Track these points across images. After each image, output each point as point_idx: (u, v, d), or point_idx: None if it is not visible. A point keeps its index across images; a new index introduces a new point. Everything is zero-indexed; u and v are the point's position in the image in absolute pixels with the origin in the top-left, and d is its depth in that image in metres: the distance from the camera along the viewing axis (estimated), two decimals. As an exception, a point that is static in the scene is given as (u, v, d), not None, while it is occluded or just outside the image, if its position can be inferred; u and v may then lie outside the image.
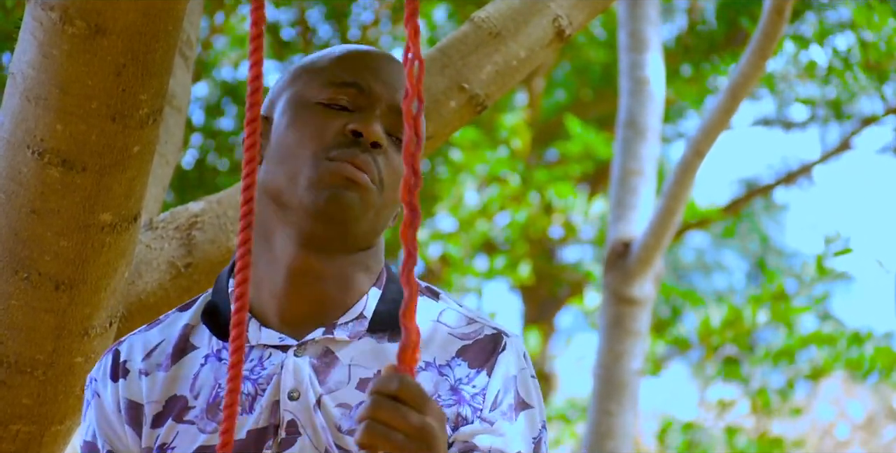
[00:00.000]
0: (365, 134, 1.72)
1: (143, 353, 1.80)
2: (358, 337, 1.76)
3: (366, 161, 1.72)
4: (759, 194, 10.98)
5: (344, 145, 1.73)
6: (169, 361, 1.79)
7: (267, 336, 1.76)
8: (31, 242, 2.01)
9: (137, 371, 1.79)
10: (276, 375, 1.74)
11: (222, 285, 1.82)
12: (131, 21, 1.83)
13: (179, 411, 1.76)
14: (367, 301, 1.78)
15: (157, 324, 1.84)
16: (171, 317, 1.84)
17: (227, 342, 1.76)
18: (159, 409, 1.77)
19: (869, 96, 7.23)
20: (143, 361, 1.79)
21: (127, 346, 1.81)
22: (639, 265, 4.91)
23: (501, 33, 2.50)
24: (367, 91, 1.76)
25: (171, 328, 1.82)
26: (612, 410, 4.95)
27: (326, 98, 1.75)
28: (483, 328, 1.80)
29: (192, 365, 1.78)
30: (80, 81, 1.86)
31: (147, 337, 1.82)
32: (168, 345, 1.80)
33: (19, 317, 2.07)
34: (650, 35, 5.18)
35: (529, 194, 8.62)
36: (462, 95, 2.46)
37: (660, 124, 5.18)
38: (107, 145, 1.92)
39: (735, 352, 7.96)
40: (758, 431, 8.22)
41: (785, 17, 4.09)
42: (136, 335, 1.83)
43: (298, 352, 1.75)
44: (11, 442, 2.18)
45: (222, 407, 1.72)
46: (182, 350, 1.79)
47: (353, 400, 1.73)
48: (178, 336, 1.81)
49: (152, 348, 1.80)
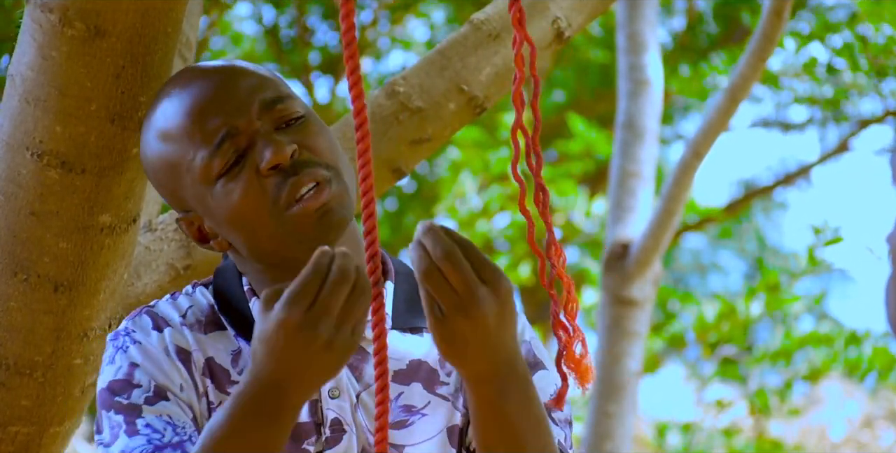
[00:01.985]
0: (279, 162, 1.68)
1: (177, 313, 1.78)
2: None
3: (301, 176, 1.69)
4: (757, 196, 10.98)
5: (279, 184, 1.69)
6: (203, 327, 1.77)
7: None
8: (31, 244, 2.00)
9: (178, 323, 1.77)
10: None
11: (231, 282, 1.80)
12: (131, 23, 1.83)
13: (223, 381, 1.74)
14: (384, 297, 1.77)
15: (178, 294, 1.82)
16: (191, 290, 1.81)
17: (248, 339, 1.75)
18: (203, 362, 1.75)
19: (868, 97, 7.23)
20: (181, 318, 1.78)
21: (160, 308, 1.79)
22: (637, 266, 4.92)
23: (501, 35, 2.49)
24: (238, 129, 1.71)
25: (197, 299, 1.80)
26: (611, 411, 4.95)
27: (221, 168, 1.70)
28: None
29: (229, 341, 1.76)
30: (80, 83, 1.86)
31: (175, 302, 1.80)
32: (201, 312, 1.78)
33: (18, 319, 2.07)
34: (648, 37, 5.18)
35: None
36: (461, 97, 2.46)
37: (658, 126, 5.18)
38: (106, 147, 1.92)
39: (732, 353, 7.96)
40: (755, 432, 8.22)
41: (784, 18, 4.09)
42: (162, 301, 1.81)
43: None
44: (10, 443, 2.18)
45: None
46: (214, 322, 1.78)
47: (391, 393, 1.73)
48: (207, 308, 1.79)
49: (185, 311, 1.78)
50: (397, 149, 2.45)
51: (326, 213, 1.69)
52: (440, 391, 1.77)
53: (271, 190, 1.69)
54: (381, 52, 10.05)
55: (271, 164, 1.68)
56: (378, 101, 2.45)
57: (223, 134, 1.70)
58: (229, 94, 1.71)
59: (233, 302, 1.78)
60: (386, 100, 2.47)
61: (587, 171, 9.17)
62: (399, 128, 2.46)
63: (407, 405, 1.76)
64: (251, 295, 1.78)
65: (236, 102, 1.71)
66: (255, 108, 1.71)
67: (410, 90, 2.47)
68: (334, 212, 1.70)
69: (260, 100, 1.71)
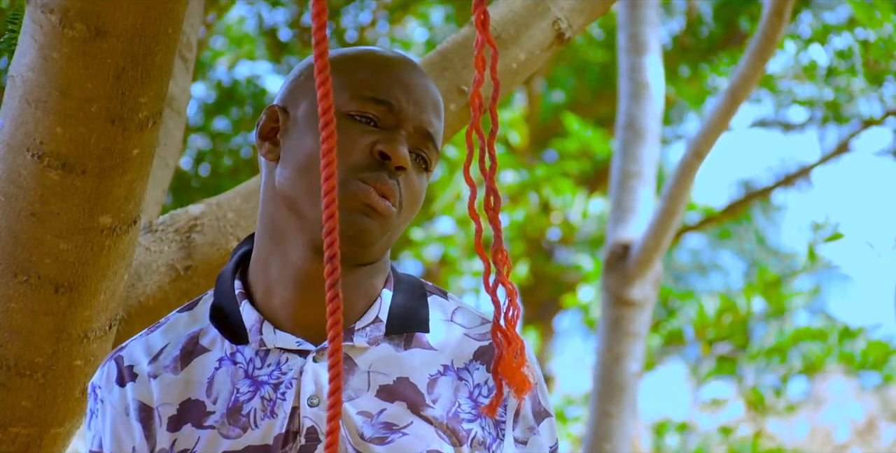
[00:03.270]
0: (393, 157, 1.71)
1: (148, 357, 1.78)
2: (376, 342, 1.76)
3: (391, 187, 1.71)
4: (757, 196, 10.98)
5: (371, 167, 1.71)
6: (177, 364, 1.77)
7: (283, 339, 1.75)
8: (31, 245, 2.00)
9: (146, 374, 1.77)
10: (296, 380, 1.73)
11: (226, 286, 1.80)
12: (131, 24, 1.82)
13: (198, 416, 1.74)
14: (381, 303, 1.78)
15: (157, 328, 1.82)
16: (171, 320, 1.83)
17: (240, 345, 1.76)
18: (173, 412, 1.75)
19: (868, 98, 7.22)
20: (150, 364, 1.78)
21: (129, 352, 1.80)
22: (638, 267, 4.92)
23: (501, 36, 2.49)
24: (397, 110, 1.74)
25: (175, 330, 1.81)
26: (612, 411, 4.95)
27: (356, 110, 1.73)
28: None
29: (206, 369, 1.77)
30: (80, 84, 1.86)
31: (149, 340, 1.81)
32: (174, 348, 1.79)
33: (19, 320, 2.07)
34: (649, 37, 5.18)
35: (527, 194, 8.62)
36: (462, 98, 2.46)
37: (659, 126, 5.17)
38: (106, 148, 1.92)
39: (729, 350, 7.96)
40: (753, 430, 8.22)
41: (784, 18, 4.09)
42: (136, 340, 1.82)
43: (317, 358, 1.74)
44: (11, 444, 2.18)
45: (244, 413, 1.73)
46: (190, 352, 1.78)
47: (373, 407, 1.73)
48: (185, 338, 1.79)
49: (157, 351, 1.79)
50: (398, 149, 2.45)
51: (369, 215, 1.70)
52: (425, 413, 1.74)
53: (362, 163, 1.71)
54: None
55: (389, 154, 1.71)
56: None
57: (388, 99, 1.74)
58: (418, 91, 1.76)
59: (225, 308, 1.78)
60: (386, 100, 2.46)
61: (585, 171, 9.17)
62: (400, 129, 2.46)
63: (388, 422, 1.73)
64: (241, 298, 1.78)
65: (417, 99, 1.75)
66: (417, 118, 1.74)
67: (411, 91, 2.46)
68: (372, 225, 1.71)
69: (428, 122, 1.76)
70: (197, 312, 1.82)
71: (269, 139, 1.80)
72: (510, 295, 1.63)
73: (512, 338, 1.62)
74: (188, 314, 1.83)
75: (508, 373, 1.64)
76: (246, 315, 1.77)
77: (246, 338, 1.76)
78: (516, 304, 1.62)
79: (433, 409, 1.74)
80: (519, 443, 1.76)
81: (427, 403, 1.74)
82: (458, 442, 1.73)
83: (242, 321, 1.76)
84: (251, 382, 1.74)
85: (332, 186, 1.27)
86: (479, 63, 1.40)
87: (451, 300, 1.83)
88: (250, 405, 1.73)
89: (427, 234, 8.72)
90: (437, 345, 1.77)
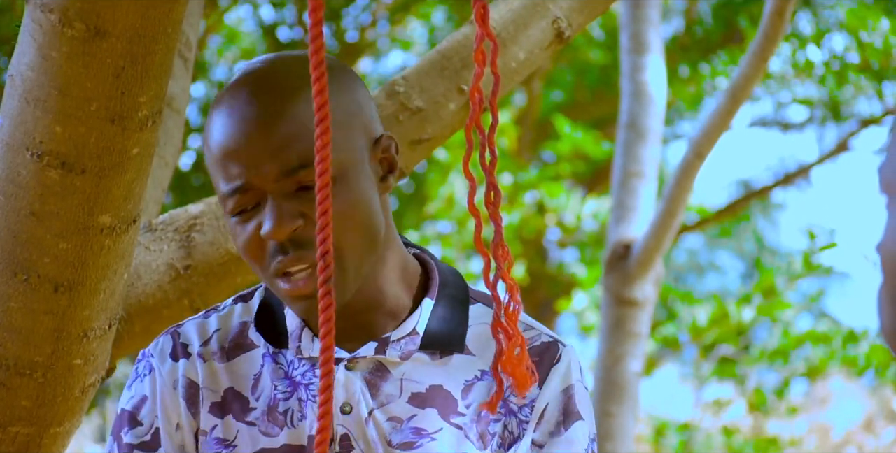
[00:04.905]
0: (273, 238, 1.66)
1: (200, 339, 1.80)
2: (409, 357, 1.75)
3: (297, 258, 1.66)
4: (756, 196, 10.98)
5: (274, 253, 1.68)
6: (227, 353, 1.79)
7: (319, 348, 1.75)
8: (31, 244, 2.00)
9: (196, 354, 1.79)
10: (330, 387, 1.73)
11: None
12: (131, 23, 1.82)
13: (241, 410, 1.76)
14: (420, 315, 1.76)
15: (213, 312, 1.83)
16: (227, 308, 1.84)
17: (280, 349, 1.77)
18: (217, 399, 1.77)
19: (867, 97, 7.23)
20: (202, 346, 1.80)
21: (185, 330, 1.81)
22: (639, 267, 4.91)
23: (501, 35, 2.49)
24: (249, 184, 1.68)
25: (229, 319, 1.82)
26: (612, 411, 4.95)
27: (232, 210, 1.70)
28: (540, 335, 1.80)
29: (252, 364, 1.78)
30: (80, 84, 1.86)
31: (205, 323, 1.82)
32: (226, 337, 1.80)
33: (18, 319, 2.07)
34: (651, 37, 5.17)
35: (523, 195, 8.62)
36: (461, 97, 2.46)
37: (661, 126, 5.17)
38: (106, 147, 1.91)
39: (730, 352, 7.96)
40: (754, 431, 8.22)
41: (785, 18, 4.09)
42: (193, 320, 1.83)
43: (350, 366, 1.74)
44: (11, 443, 2.17)
45: (281, 411, 1.74)
46: (240, 345, 1.79)
47: (403, 413, 1.73)
48: (236, 329, 1.81)
49: (210, 335, 1.80)
50: (397, 149, 2.45)
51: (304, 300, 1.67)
52: (454, 420, 1.74)
53: (266, 254, 1.69)
54: (381, 53, 10.05)
55: (266, 238, 1.67)
56: (378, 101, 2.45)
57: (238, 185, 1.68)
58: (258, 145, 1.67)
59: (273, 308, 1.80)
60: (386, 100, 2.46)
61: (580, 172, 9.17)
62: (399, 129, 2.46)
63: (417, 427, 1.74)
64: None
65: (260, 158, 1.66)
66: (275, 171, 1.66)
67: (410, 90, 2.46)
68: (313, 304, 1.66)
69: (284, 162, 1.66)
70: (251, 305, 1.83)
71: None
72: (511, 290, 1.62)
73: (513, 334, 1.62)
74: (242, 305, 1.83)
75: (511, 370, 1.63)
76: (290, 319, 1.78)
77: (286, 343, 1.77)
78: (517, 299, 1.62)
79: (464, 416, 1.75)
80: (535, 446, 1.75)
81: (459, 410, 1.75)
82: (484, 445, 1.73)
83: (286, 324, 1.78)
84: (289, 382, 1.76)
85: (327, 190, 1.25)
86: (478, 57, 1.40)
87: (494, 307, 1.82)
88: (287, 404, 1.75)
89: (422, 235, 8.72)
90: (476, 351, 1.77)
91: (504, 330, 1.63)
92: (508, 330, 1.62)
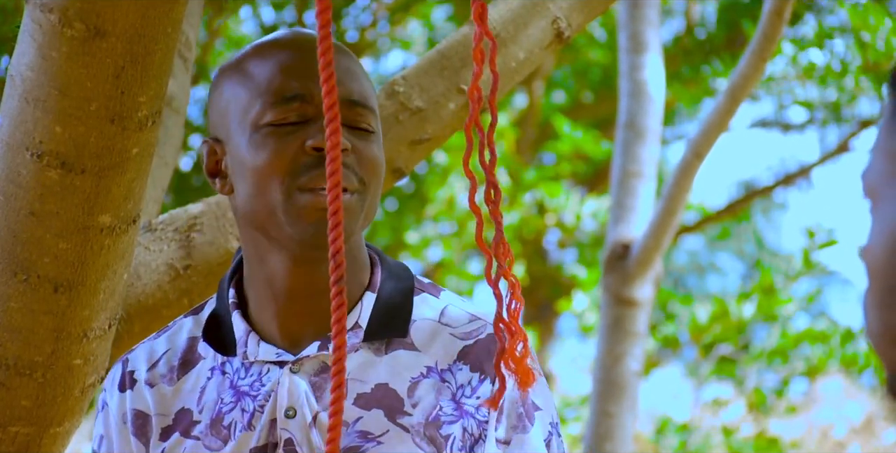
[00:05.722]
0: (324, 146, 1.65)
1: (147, 364, 1.80)
2: (354, 349, 1.74)
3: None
4: (757, 196, 10.97)
5: (310, 166, 1.68)
6: (176, 373, 1.79)
7: (264, 351, 1.74)
8: (30, 244, 2.00)
9: (143, 381, 1.79)
10: (274, 392, 1.73)
11: (223, 293, 1.81)
12: (130, 23, 1.82)
13: (187, 425, 1.75)
14: (361, 309, 1.76)
15: (165, 332, 1.84)
16: (177, 324, 1.84)
17: (228, 357, 1.76)
18: (168, 422, 1.77)
19: (868, 98, 7.22)
20: (148, 372, 1.79)
21: (134, 356, 1.82)
22: (638, 267, 4.91)
23: (500, 35, 2.49)
24: (310, 98, 1.70)
25: (178, 336, 1.81)
26: (612, 411, 4.95)
27: (274, 119, 1.70)
28: (485, 326, 1.77)
29: (200, 378, 1.77)
30: (79, 83, 1.86)
31: (153, 346, 1.82)
32: (174, 356, 1.79)
33: (18, 319, 2.07)
34: (650, 37, 5.18)
35: (522, 195, 8.62)
36: (461, 97, 2.46)
37: (660, 126, 5.17)
38: (106, 147, 1.92)
39: (729, 352, 7.96)
40: (754, 431, 8.22)
41: (784, 18, 4.08)
42: (144, 344, 1.83)
43: (294, 369, 1.73)
44: (10, 443, 2.17)
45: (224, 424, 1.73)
46: (189, 361, 1.79)
47: (349, 417, 1.71)
48: (184, 345, 1.80)
49: (157, 358, 1.80)
50: (397, 149, 2.45)
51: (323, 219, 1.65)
52: (402, 421, 1.72)
53: (300, 166, 1.68)
54: (381, 53, 10.05)
55: (317, 144, 1.67)
56: (378, 101, 2.45)
57: (296, 93, 1.69)
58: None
59: (221, 318, 1.79)
60: (386, 100, 2.47)
61: (580, 172, 9.17)
62: (399, 128, 2.46)
63: (363, 431, 1.71)
64: (234, 308, 1.78)
65: None
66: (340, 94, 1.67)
67: (410, 90, 2.47)
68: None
69: (347, 87, 1.70)
70: (201, 317, 1.83)
71: (217, 175, 1.79)
72: (512, 287, 1.62)
73: (515, 331, 1.61)
74: (193, 319, 1.83)
75: (514, 366, 1.63)
76: (236, 326, 1.77)
77: (234, 350, 1.76)
78: (519, 297, 1.62)
79: (411, 416, 1.72)
80: (501, 444, 1.73)
81: (405, 410, 1.72)
82: (436, 449, 1.70)
83: (233, 331, 1.77)
84: (234, 393, 1.74)
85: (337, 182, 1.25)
86: (477, 56, 1.40)
87: (443, 298, 1.80)
88: (231, 416, 1.74)
89: (422, 236, 8.71)
90: (421, 346, 1.75)
91: (507, 326, 1.63)
92: (511, 326, 1.62)
